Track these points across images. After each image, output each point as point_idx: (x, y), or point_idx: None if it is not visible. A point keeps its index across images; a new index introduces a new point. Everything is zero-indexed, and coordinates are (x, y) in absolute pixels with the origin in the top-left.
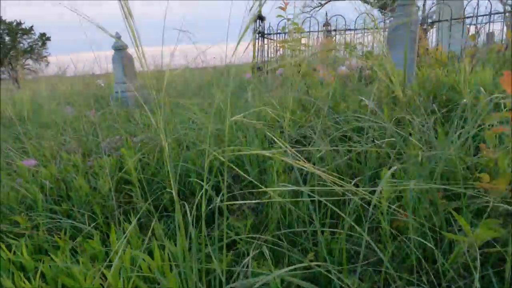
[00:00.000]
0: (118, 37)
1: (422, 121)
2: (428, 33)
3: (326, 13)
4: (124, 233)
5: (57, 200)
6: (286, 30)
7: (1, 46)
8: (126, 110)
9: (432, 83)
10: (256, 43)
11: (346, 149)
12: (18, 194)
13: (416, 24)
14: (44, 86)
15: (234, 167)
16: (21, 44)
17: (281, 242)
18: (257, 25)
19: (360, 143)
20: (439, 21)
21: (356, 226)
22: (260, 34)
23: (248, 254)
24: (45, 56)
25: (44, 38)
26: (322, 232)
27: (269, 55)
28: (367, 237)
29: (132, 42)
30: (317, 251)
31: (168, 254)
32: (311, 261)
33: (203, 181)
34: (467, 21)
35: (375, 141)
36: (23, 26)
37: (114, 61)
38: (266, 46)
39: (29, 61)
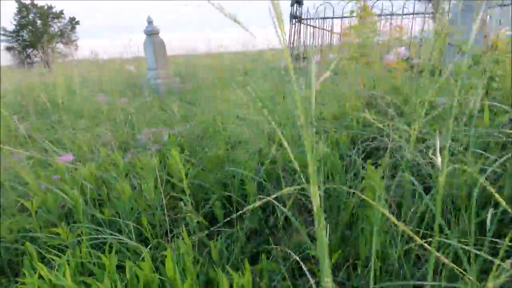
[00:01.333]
0: (150, 21)
1: None
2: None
3: None
4: (178, 251)
5: (98, 203)
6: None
7: (34, 30)
8: (159, 98)
9: None
10: (292, 29)
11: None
12: (57, 196)
13: (486, 7)
14: (75, 71)
15: None
16: (52, 28)
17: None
18: (294, 10)
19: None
20: (503, 5)
21: None
22: (297, 19)
23: None
24: (75, 40)
25: (73, 22)
26: None
27: (309, 41)
28: None
29: (273, 22)
30: None
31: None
32: None
33: (259, 188)
34: None
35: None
36: (53, 10)
37: (145, 47)
38: (302, 32)
39: (59, 45)
